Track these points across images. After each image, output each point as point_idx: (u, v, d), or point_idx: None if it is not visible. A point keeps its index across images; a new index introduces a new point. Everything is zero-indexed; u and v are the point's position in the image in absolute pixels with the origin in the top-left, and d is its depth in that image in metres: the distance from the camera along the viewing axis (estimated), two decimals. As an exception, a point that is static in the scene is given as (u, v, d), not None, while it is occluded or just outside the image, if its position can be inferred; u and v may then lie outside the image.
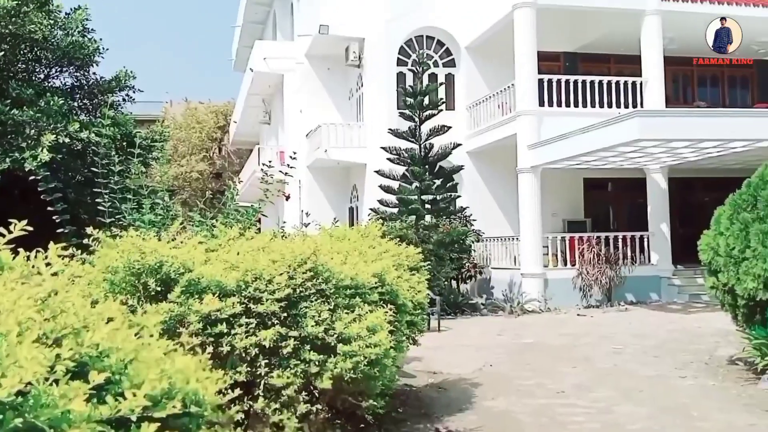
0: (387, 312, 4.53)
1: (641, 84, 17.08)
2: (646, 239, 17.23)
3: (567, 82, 16.97)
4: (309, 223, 8.03)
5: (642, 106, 16.73)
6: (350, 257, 5.19)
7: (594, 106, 16.83)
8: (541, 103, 16.72)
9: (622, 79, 17.12)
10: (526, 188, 16.58)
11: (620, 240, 16.89)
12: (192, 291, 3.97)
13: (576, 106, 16.86)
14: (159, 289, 4.01)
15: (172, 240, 4.55)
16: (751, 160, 14.75)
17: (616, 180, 19.98)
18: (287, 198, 15.58)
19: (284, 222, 9.82)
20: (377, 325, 4.27)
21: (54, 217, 6.03)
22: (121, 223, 6.14)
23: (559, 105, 16.89)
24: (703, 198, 17.71)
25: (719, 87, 21.92)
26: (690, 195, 18.63)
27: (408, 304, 5.68)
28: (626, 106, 16.70)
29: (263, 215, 7.87)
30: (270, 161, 8.49)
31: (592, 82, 17.06)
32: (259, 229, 7.39)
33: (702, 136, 13.26)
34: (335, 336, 4.10)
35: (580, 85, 16.96)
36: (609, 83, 17.06)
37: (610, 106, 16.81)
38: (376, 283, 4.95)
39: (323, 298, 4.27)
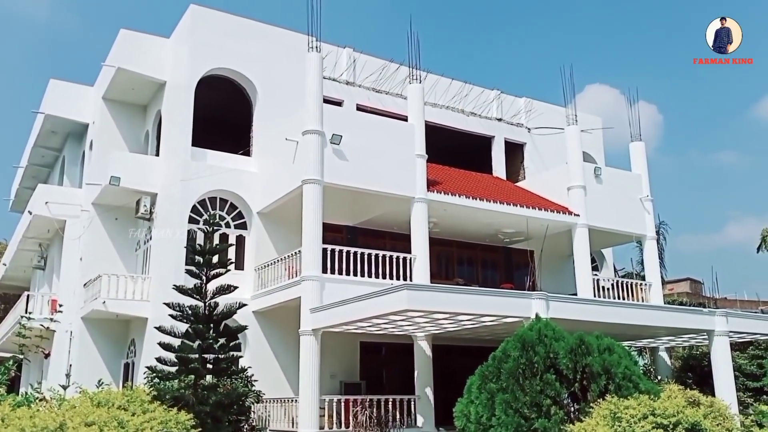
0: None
1: (411, 260, 18.41)
2: (413, 402, 17.75)
3: (348, 252, 17.77)
4: (69, 386, 7.26)
5: (411, 280, 17.91)
6: (107, 429, 4.73)
7: (371, 276, 17.67)
8: (325, 270, 17.22)
9: (395, 254, 18.30)
10: (307, 350, 16.54)
11: (390, 403, 17.23)
12: None
13: (355, 275, 17.59)
14: None
15: None
16: (500, 333, 16.19)
17: (389, 344, 20.68)
18: (46, 356, 13.98)
19: (39, 383, 8.77)
20: None
21: None
22: None
23: (341, 273, 17.50)
24: (462, 364, 18.83)
25: (474, 267, 24.31)
26: (451, 361, 19.76)
27: (168, 479, 5.23)
28: (398, 278, 17.75)
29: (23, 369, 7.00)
30: (30, 312, 7.71)
31: (369, 255, 18.04)
32: (14, 388, 6.53)
33: (459, 310, 14.38)
34: None
35: (359, 256, 17.83)
36: (384, 257, 18.14)
37: (384, 277, 17.76)
38: (133, 458, 4.53)
39: (68, 481, 3.80)
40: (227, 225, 20.44)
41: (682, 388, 7.04)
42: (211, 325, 16.11)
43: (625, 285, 22.64)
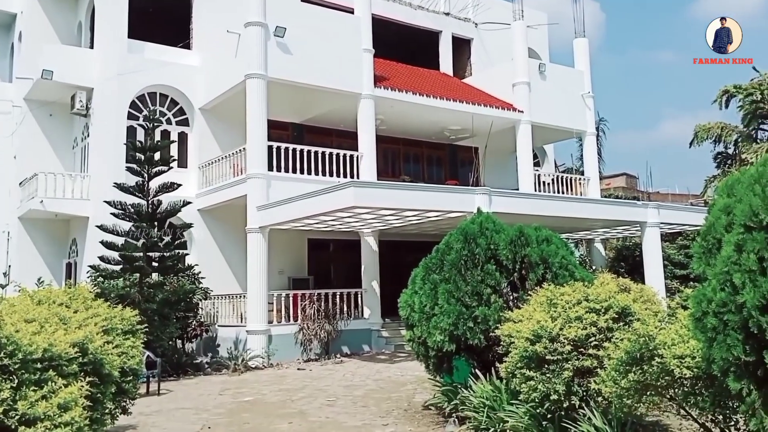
0: (83, 386, 4.09)
1: (357, 157, 18.28)
2: (360, 295, 18.18)
3: (294, 150, 17.50)
4: (7, 284, 7.06)
5: (358, 177, 17.87)
6: (48, 325, 4.63)
7: (318, 174, 17.54)
8: (271, 168, 16.99)
9: (342, 152, 18.13)
10: (254, 247, 16.56)
11: (338, 296, 17.61)
12: None
13: (302, 172, 17.42)
14: None
15: None
16: (445, 228, 16.49)
17: (336, 241, 20.90)
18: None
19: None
20: (70, 402, 3.82)
21: None
22: None
23: (287, 171, 17.31)
24: (408, 259, 19.23)
25: (420, 164, 24.39)
26: (397, 256, 20.17)
27: (115, 373, 5.22)
28: (345, 176, 17.70)
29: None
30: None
31: (316, 152, 17.82)
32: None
33: (405, 206, 14.52)
34: (17, 417, 3.57)
35: (306, 154, 17.59)
36: (331, 154, 17.96)
37: (331, 174, 17.67)
38: (76, 353, 4.47)
39: (5, 375, 3.72)
40: (168, 121, 19.78)
41: (615, 276, 7.32)
42: (155, 223, 15.89)
43: (564, 180, 23.19)
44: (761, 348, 3.76)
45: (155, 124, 16.45)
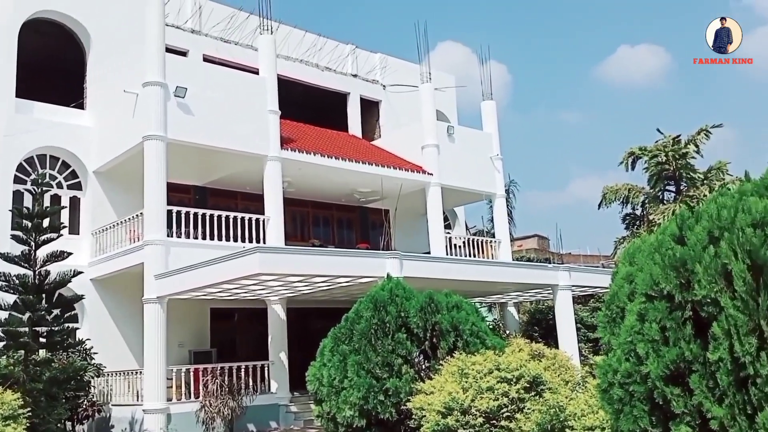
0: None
1: (264, 221, 18.02)
2: (267, 368, 17.59)
3: (196, 214, 17.06)
4: None
5: (264, 242, 17.57)
6: None
7: (221, 240, 17.12)
8: (170, 234, 16.46)
9: (247, 216, 17.84)
10: (152, 319, 15.81)
11: (243, 370, 16.97)
12: None
13: (204, 238, 16.96)
14: None
15: None
16: (356, 293, 16.36)
17: (241, 310, 20.33)
18: None
19: None
20: None
21: None
22: None
23: (188, 236, 16.83)
24: (318, 326, 18.92)
25: (331, 227, 24.36)
26: (307, 324, 19.79)
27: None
28: (251, 241, 17.36)
29: None
30: None
31: (219, 216, 17.43)
32: None
33: (313, 272, 14.31)
34: None
35: (208, 218, 17.17)
36: (235, 218, 17.61)
37: (236, 240, 17.29)
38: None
39: None
40: (59, 185, 18.95)
41: (528, 341, 7.42)
42: (43, 295, 14.96)
43: (476, 242, 23.70)
44: (667, 419, 3.83)
45: (44, 188, 15.65)
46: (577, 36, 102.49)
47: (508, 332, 22.58)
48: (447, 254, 21.68)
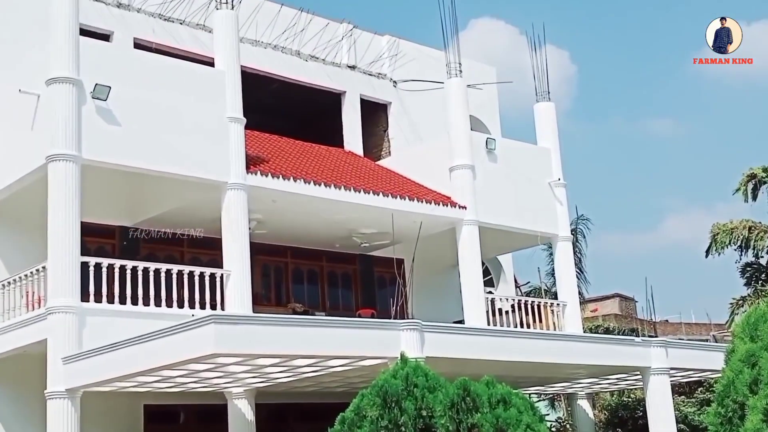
0: None
1: (223, 277, 18.08)
2: (226, 494, 17.53)
3: (123, 268, 17.14)
4: None
5: (224, 308, 17.61)
6: None
7: (159, 305, 17.18)
8: (85, 297, 16.51)
9: (198, 270, 17.92)
10: (58, 421, 15.80)
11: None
12: None
13: (135, 303, 17.01)
14: None
15: None
16: (356, 382, 16.29)
17: (189, 408, 20.37)
18: None
19: None
20: None
21: None
22: None
23: (111, 301, 16.87)
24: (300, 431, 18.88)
25: (320, 285, 24.38)
26: (284, 428, 19.74)
27: None
28: (203, 307, 17.41)
29: None
30: None
31: (157, 271, 17.50)
32: None
33: (294, 351, 14.27)
34: None
35: (141, 273, 17.24)
36: (180, 273, 17.70)
37: (181, 305, 17.38)
38: None
39: None
40: (-75, 228, 19.14)
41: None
42: None
43: (530, 306, 23.62)
44: None
45: None
46: (672, 10, 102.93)
47: (579, 438, 22.38)
48: (488, 324, 21.62)
